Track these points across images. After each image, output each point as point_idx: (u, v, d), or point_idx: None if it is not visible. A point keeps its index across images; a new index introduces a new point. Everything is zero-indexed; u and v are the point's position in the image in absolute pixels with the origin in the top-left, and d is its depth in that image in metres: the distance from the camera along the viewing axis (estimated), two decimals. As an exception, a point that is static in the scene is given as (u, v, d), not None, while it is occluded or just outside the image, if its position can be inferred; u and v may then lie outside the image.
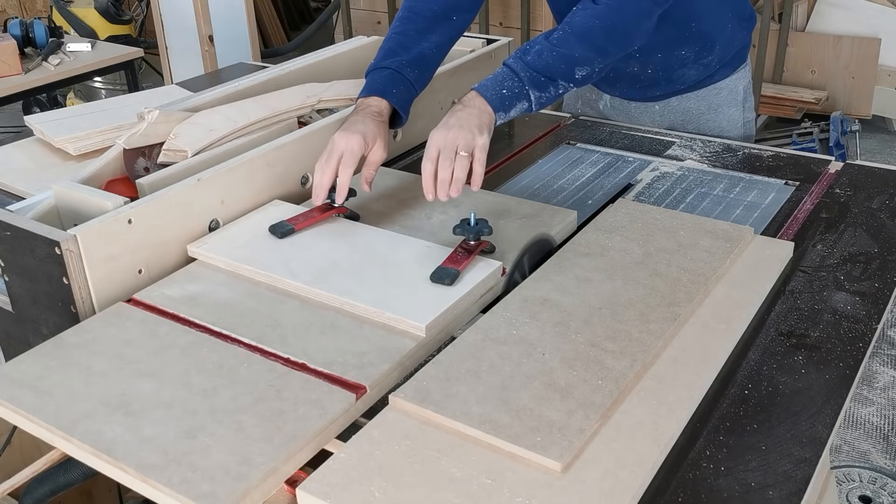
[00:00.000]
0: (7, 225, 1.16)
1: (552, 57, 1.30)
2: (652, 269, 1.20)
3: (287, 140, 1.44)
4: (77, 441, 0.93)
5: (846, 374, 1.05)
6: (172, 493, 0.85)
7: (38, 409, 0.97)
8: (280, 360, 1.05)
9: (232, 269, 1.24)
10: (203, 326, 1.12)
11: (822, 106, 4.27)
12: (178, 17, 3.95)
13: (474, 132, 1.23)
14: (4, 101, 3.18)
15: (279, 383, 1.00)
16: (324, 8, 6.15)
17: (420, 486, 0.85)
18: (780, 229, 1.39)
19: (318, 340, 1.08)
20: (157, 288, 1.20)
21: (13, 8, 5.76)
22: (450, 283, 1.16)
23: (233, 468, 0.87)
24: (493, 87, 1.29)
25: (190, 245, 1.28)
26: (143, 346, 1.07)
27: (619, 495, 0.84)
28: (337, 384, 1.00)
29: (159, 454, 0.89)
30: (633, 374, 0.99)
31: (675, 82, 1.74)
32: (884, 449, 2.06)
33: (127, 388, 1.00)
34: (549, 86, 1.31)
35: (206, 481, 0.86)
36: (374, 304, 1.12)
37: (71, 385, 1.00)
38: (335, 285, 1.17)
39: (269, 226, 1.31)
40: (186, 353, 1.06)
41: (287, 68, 1.73)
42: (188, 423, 0.94)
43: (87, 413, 0.96)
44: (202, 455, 0.89)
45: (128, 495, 2.20)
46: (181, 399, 0.98)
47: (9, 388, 1.00)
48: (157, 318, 1.13)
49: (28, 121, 1.79)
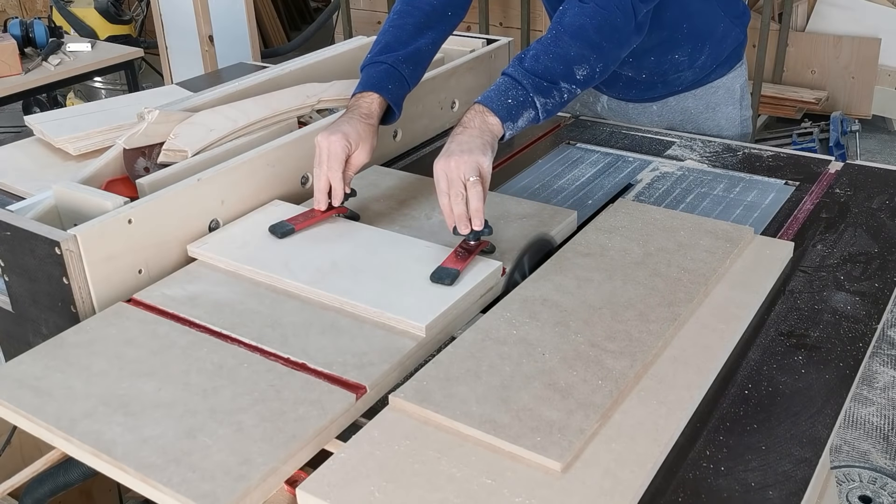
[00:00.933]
0: (7, 225, 1.16)
1: (549, 59, 1.28)
2: (652, 269, 1.20)
3: (287, 140, 1.44)
4: (77, 441, 0.93)
5: (846, 374, 1.05)
6: (172, 492, 0.85)
7: (38, 410, 0.97)
8: (280, 360, 1.05)
9: (232, 269, 1.24)
10: (203, 326, 1.12)
11: (822, 106, 4.27)
12: (178, 17, 3.95)
13: (477, 155, 1.19)
14: (4, 101, 3.18)
15: (279, 383, 1.00)
16: (324, 8, 6.15)
17: (420, 486, 0.85)
18: (780, 229, 1.39)
19: (318, 340, 1.08)
20: (157, 288, 1.20)
21: (13, 8, 5.76)
22: (450, 283, 1.16)
23: (233, 468, 0.87)
24: (497, 97, 1.26)
25: (190, 245, 1.28)
26: (143, 346, 1.07)
27: (619, 495, 0.84)
28: (337, 384, 1.00)
29: (159, 454, 0.90)
30: (633, 374, 0.99)
31: (672, 84, 1.74)
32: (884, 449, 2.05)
33: (127, 388, 1.00)
34: (553, 90, 1.28)
35: (207, 481, 0.86)
36: (374, 304, 1.12)
37: (71, 385, 1.00)
38: (335, 285, 1.17)
39: (269, 226, 1.31)
40: (186, 352, 1.06)
41: (287, 68, 1.73)
42: (188, 422, 0.94)
43: (87, 413, 0.96)
44: (202, 455, 0.89)
45: (128, 495, 2.20)
46: (181, 399, 0.98)
47: (9, 388, 1.00)
48: (157, 318, 1.13)
49: (28, 121, 1.79)
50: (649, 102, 1.80)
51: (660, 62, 1.68)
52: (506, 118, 1.24)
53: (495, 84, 1.28)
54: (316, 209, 1.33)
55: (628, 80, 1.75)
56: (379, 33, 1.49)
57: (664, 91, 1.76)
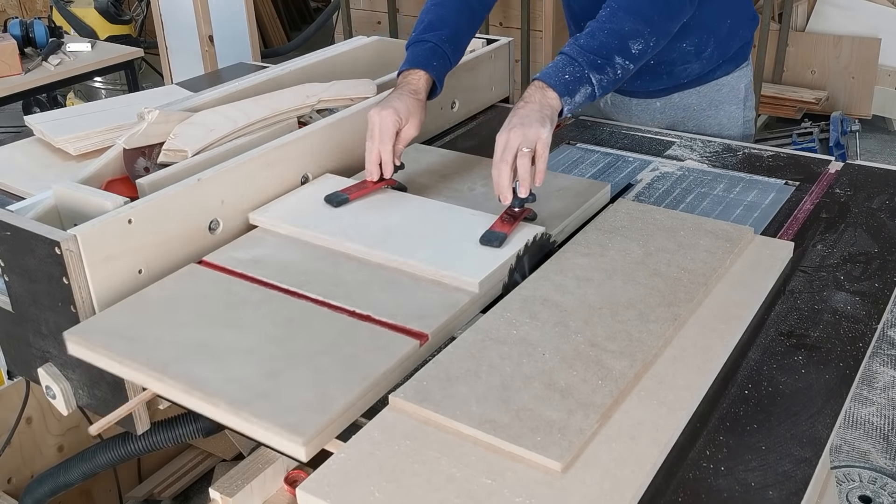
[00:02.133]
0: (7, 225, 1.16)
1: (603, 34, 1.33)
2: (652, 269, 1.20)
3: (287, 140, 1.44)
4: (170, 381, 1.01)
5: (846, 374, 1.05)
6: (261, 423, 0.94)
7: (131, 354, 1.06)
8: (346, 312, 1.13)
9: (292, 235, 1.32)
10: (272, 284, 1.20)
11: (822, 106, 4.27)
12: (178, 17, 3.95)
13: (536, 127, 1.24)
14: (4, 101, 3.17)
15: (348, 332, 1.09)
16: (324, 8, 6.15)
17: (420, 486, 0.85)
18: (780, 229, 1.40)
19: (380, 296, 1.16)
20: (224, 251, 1.29)
21: (13, 8, 5.76)
22: (498, 245, 1.24)
23: (314, 403, 0.96)
24: (554, 73, 1.31)
25: (251, 213, 1.36)
26: (219, 301, 1.17)
27: (619, 495, 0.84)
28: (401, 332, 1.08)
29: (246, 391, 0.98)
30: (633, 374, 0.99)
31: (677, 76, 1.74)
32: (884, 449, 2.06)
33: (209, 337, 1.09)
34: (607, 66, 1.32)
35: (291, 413, 0.94)
36: (430, 263, 1.21)
37: (158, 334, 1.09)
38: (391, 247, 1.25)
39: (324, 196, 1.39)
40: (259, 307, 1.15)
41: (287, 68, 1.73)
42: (269, 365, 1.03)
43: (176, 357, 1.05)
44: (285, 392, 0.98)
45: (128, 495, 2.20)
46: (260, 346, 1.07)
47: (102, 338, 1.09)
48: (229, 278, 1.22)
49: (28, 121, 1.79)
50: (653, 98, 1.80)
51: (668, 48, 1.69)
52: (563, 93, 1.29)
53: (553, 61, 1.34)
54: (367, 180, 1.41)
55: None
56: (422, 11, 1.55)
57: (669, 83, 1.76)
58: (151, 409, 1.23)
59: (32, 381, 1.32)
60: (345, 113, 1.56)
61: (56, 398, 1.25)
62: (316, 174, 1.50)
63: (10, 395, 1.92)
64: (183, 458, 2.32)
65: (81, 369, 1.19)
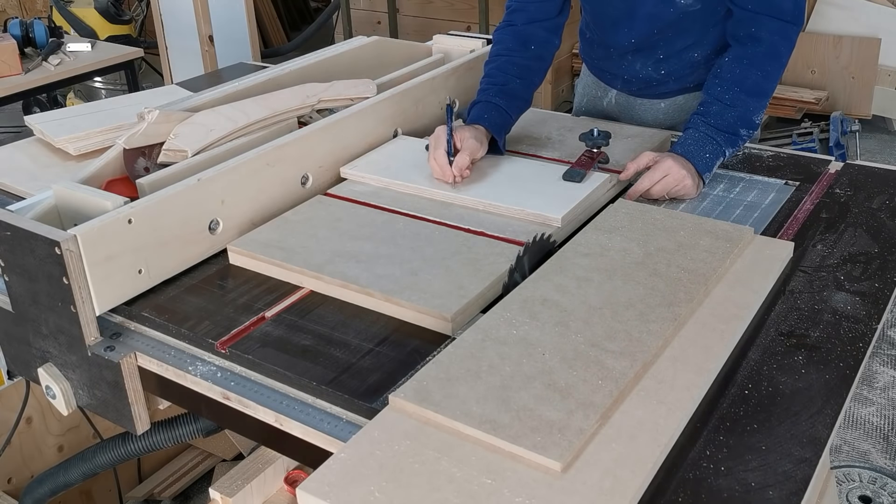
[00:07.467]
0: (7, 225, 1.16)
1: (733, 117, 1.52)
2: (652, 269, 1.20)
3: (287, 140, 1.44)
4: (327, 278, 1.22)
5: (846, 374, 1.05)
6: (412, 306, 1.15)
7: (290, 259, 1.27)
8: (462, 230, 1.35)
9: (382, 185, 1.49)
10: (393, 210, 1.42)
11: (822, 106, 4.27)
12: (178, 17, 3.95)
13: (688, 184, 1.48)
14: (4, 101, 3.17)
15: (468, 243, 1.31)
16: (324, 8, 6.15)
17: (420, 486, 0.85)
18: (780, 229, 1.39)
19: (482, 222, 1.37)
20: (344, 186, 1.50)
21: (13, 8, 5.76)
22: (579, 181, 1.44)
23: (453, 291, 1.17)
24: (696, 152, 1.50)
25: (343, 167, 1.53)
26: (351, 222, 1.38)
27: (619, 495, 0.84)
28: (511, 243, 1.30)
29: (394, 284, 1.19)
30: (633, 374, 0.99)
31: (684, 81, 1.74)
32: (884, 449, 2.05)
33: (351, 247, 1.30)
34: (738, 141, 1.53)
35: (437, 298, 1.16)
36: (515, 203, 1.39)
37: (307, 244, 1.31)
38: (477, 192, 1.44)
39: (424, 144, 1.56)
40: (387, 225, 1.37)
41: (287, 68, 1.73)
42: (408, 266, 1.24)
43: (328, 261, 1.26)
44: (427, 284, 1.19)
45: (128, 495, 2.20)
46: (396, 253, 1.28)
47: (260, 248, 1.30)
48: (354, 205, 1.44)
49: (28, 121, 1.79)
50: (658, 99, 1.80)
51: (679, 60, 1.69)
52: (704, 170, 1.51)
53: (690, 138, 1.52)
54: None
55: (646, 77, 1.75)
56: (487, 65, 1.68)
57: (676, 87, 1.76)
58: (151, 409, 1.23)
59: (32, 381, 1.32)
60: (345, 113, 1.56)
61: (56, 398, 1.25)
62: (316, 174, 1.50)
63: (10, 395, 1.92)
64: (183, 458, 2.32)
65: (81, 369, 1.19)
